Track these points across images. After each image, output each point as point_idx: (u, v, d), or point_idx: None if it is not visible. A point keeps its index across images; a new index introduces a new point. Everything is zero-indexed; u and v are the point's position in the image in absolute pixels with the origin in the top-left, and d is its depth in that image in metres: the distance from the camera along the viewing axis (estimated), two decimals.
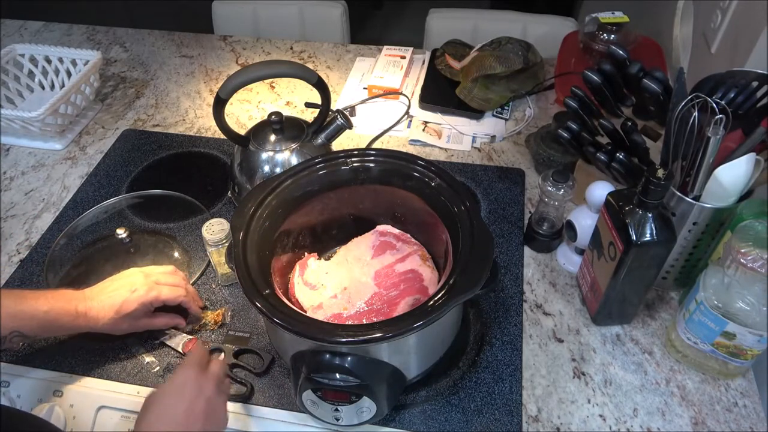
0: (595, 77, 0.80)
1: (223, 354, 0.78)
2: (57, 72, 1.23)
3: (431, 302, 0.61)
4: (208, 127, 1.18)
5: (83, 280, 0.86)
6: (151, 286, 0.75)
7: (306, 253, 0.82)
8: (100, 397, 0.75)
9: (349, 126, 0.93)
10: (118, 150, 1.13)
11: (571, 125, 0.84)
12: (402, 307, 0.72)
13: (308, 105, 1.21)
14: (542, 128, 1.06)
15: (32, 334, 0.70)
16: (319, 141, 0.93)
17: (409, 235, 0.83)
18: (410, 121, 1.18)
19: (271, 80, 1.30)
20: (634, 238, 0.68)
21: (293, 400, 0.73)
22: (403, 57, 1.29)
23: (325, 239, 0.86)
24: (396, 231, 0.83)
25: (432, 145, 1.12)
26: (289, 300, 0.73)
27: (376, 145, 1.13)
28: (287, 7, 1.61)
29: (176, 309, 0.80)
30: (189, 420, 0.60)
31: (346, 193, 0.80)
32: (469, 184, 1.03)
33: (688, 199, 0.72)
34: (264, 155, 0.91)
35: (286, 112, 1.14)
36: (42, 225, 0.98)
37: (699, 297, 0.69)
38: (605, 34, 1.12)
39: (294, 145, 0.91)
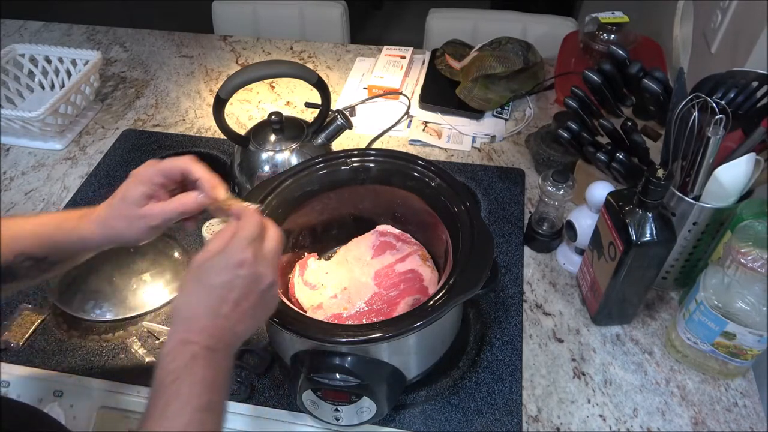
0: (595, 77, 0.80)
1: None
2: (57, 72, 1.22)
3: (431, 302, 0.61)
4: (208, 127, 1.18)
5: (83, 280, 0.86)
6: (147, 162, 0.63)
7: (306, 253, 0.82)
8: (100, 397, 0.75)
9: (349, 126, 0.93)
10: (118, 150, 1.13)
11: (571, 125, 0.84)
12: (402, 307, 0.72)
13: (308, 105, 1.21)
14: (542, 128, 1.06)
15: (39, 254, 0.62)
16: (319, 141, 0.93)
17: (409, 235, 0.83)
18: (410, 121, 1.18)
19: (271, 80, 1.30)
20: (634, 238, 0.68)
21: (293, 400, 0.73)
22: (403, 57, 1.29)
23: (325, 239, 0.86)
24: (396, 231, 0.83)
25: (432, 145, 1.12)
26: (289, 300, 0.73)
27: (376, 145, 1.13)
28: (287, 7, 1.61)
29: None
30: (235, 312, 0.52)
31: (346, 193, 0.80)
32: (469, 184, 1.03)
33: (688, 199, 0.72)
34: (264, 155, 0.91)
35: (286, 112, 1.14)
36: None
37: (699, 297, 0.69)
38: (605, 34, 1.12)
39: (294, 145, 0.91)
